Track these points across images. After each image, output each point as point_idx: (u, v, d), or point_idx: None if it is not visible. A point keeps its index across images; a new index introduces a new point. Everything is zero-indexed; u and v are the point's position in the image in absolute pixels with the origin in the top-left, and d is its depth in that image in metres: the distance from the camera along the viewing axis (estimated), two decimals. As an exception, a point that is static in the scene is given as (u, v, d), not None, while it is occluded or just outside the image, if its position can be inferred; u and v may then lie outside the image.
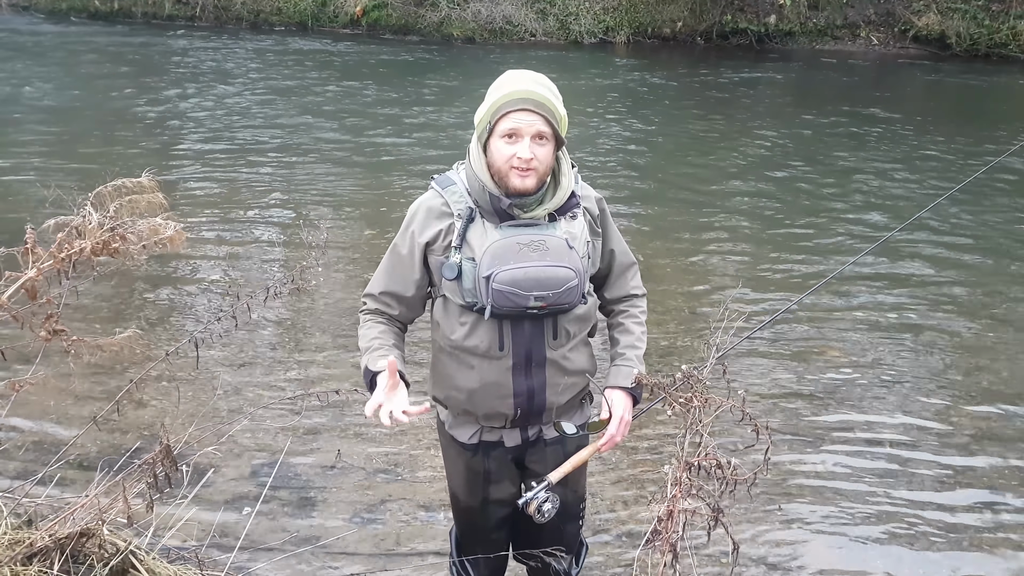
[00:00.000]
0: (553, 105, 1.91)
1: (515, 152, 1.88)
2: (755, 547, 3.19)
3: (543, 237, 1.91)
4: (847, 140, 9.58)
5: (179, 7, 16.33)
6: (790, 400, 4.22)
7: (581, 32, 15.32)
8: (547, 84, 1.94)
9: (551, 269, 1.89)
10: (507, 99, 1.88)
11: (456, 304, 1.98)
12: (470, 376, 2.03)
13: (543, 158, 1.90)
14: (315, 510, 3.32)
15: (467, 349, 2.00)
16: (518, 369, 2.00)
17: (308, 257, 3.05)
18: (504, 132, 1.89)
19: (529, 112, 1.87)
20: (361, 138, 9.08)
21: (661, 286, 5.53)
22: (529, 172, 1.88)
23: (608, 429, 2.02)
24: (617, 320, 2.18)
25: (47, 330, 2.37)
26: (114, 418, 3.41)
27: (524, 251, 1.89)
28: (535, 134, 1.88)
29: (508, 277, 1.87)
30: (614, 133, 9.62)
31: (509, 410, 2.05)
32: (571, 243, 1.93)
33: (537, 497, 1.98)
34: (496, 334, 1.97)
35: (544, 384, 2.04)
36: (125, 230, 2.41)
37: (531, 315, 1.95)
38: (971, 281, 5.81)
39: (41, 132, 8.85)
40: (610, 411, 2.03)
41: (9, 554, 2.04)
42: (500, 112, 1.89)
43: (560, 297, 1.91)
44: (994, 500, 3.51)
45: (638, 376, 2.07)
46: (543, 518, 2.00)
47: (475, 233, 1.93)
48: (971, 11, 14.94)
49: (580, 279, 1.94)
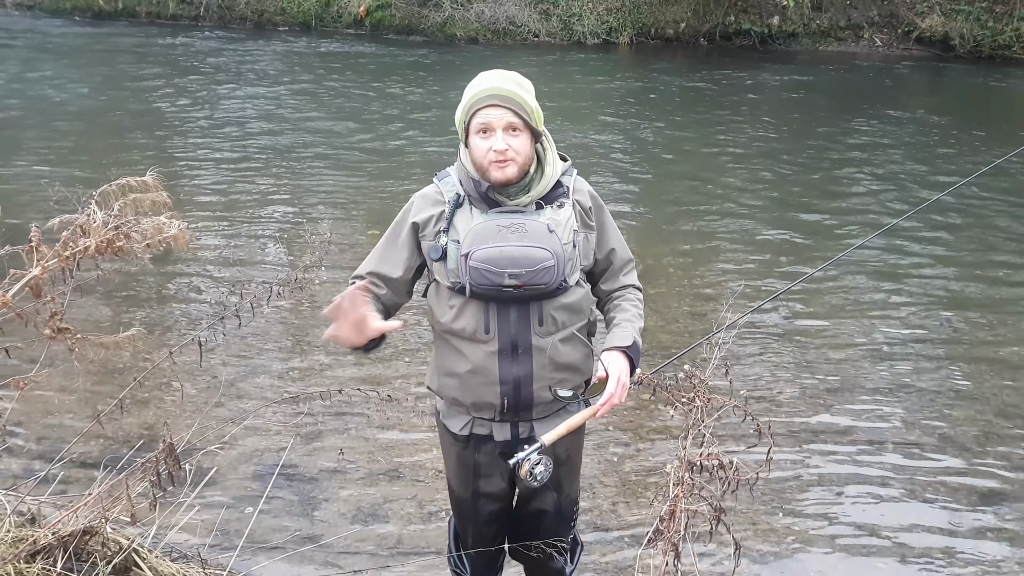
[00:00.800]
0: (520, 97, 1.98)
1: (491, 146, 1.96)
2: (757, 547, 3.19)
3: (523, 221, 1.99)
4: (850, 141, 9.58)
5: (183, 7, 16.32)
6: (793, 401, 4.22)
7: (584, 33, 15.31)
8: (515, 79, 2.02)
9: (526, 249, 1.95)
10: (476, 97, 1.98)
11: (445, 287, 2.05)
12: (459, 361, 2.07)
13: (519, 148, 1.98)
14: (317, 509, 3.32)
15: (455, 332, 2.05)
16: (504, 355, 2.03)
17: (311, 256, 3.05)
18: (477, 128, 1.98)
19: (497, 107, 1.96)
20: (364, 138, 9.10)
21: (663, 285, 5.53)
22: (507, 163, 1.96)
23: (606, 390, 1.99)
24: (614, 303, 2.19)
25: (51, 328, 2.38)
26: (117, 416, 3.41)
27: (503, 232, 1.97)
28: (506, 126, 1.96)
29: (483, 255, 1.95)
30: (616, 134, 9.62)
31: (496, 399, 2.07)
32: (552, 228, 1.99)
33: (529, 459, 1.96)
34: (482, 317, 2.01)
35: (531, 375, 2.05)
36: (129, 229, 2.42)
37: (513, 298, 1.98)
38: (975, 281, 5.81)
39: (45, 131, 8.87)
40: (606, 372, 2.01)
41: (13, 552, 2.05)
42: (471, 110, 1.98)
43: (535, 277, 1.95)
44: (997, 502, 3.51)
45: (640, 375, 2.07)
46: (535, 481, 1.99)
47: (462, 218, 2.02)
48: (974, 13, 14.92)
49: (558, 262, 1.97)
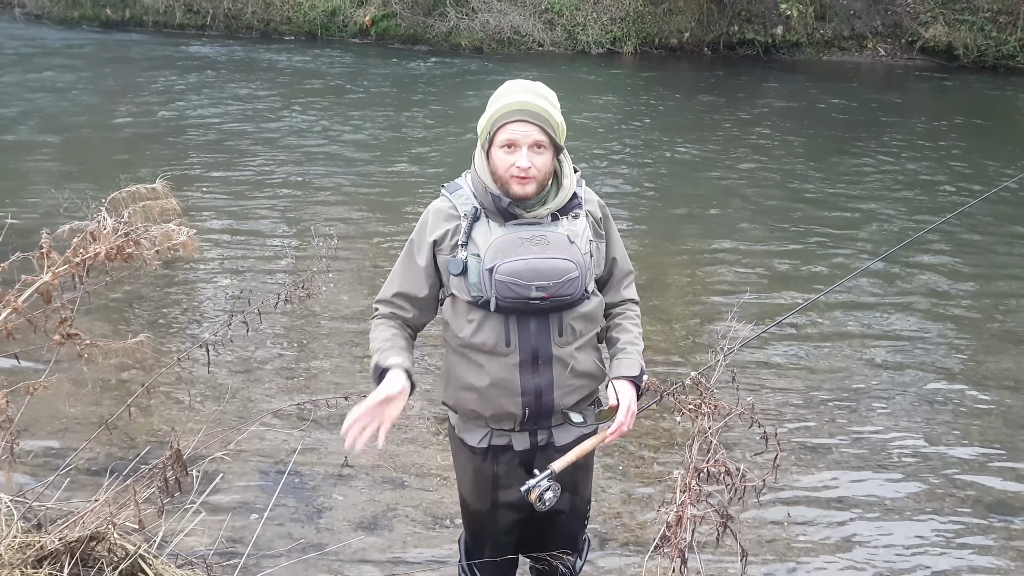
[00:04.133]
0: (549, 115, 1.98)
1: (514, 162, 1.96)
2: (763, 554, 3.18)
3: (544, 233, 1.99)
4: (854, 152, 9.57)
5: (190, 16, 16.43)
6: (799, 409, 4.22)
7: (588, 42, 15.35)
8: (544, 94, 2.01)
9: (551, 261, 1.96)
10: (505, 110, 1.96)
11: (463, 301, 2.04)
12: (479, 375, 2.07)
13: (541, 166, 1.98)
14: (323, 517, 3.32)
15: (475, 346, 2.05)
16: (525, 366, 2.04)
17: (318, 264, 3.08)
18: (503, 143, 1.97)
19: (526, 123, 1.95)
20: (372, 147, 9.12)
21: (668, 293, 5.53)
22: (528, 180, 1.97)
23: (616, 417, 2.05)
24: (615, 322, 2.22)
25: (61, 334, 2.39)
26: (125, 422, 3.42)
27: (526, 245, 1.97)
28: (532, 143, 1.96)
29: (510, 268, 1.94)
30: (621, 142, 9.63)
31: (517, 409, 2.08)
32: (572, 239, 2.00)
33: (540, 485, 2.01)
34: (503, 330, 2.02)
35: (552, 383, 2.06)
36: (139, 235, 2.45)
37: (535, 310, 1.99)
38: (983, 294, 5.79)
39: (55, 138, 8.92)
40: (617, 400, 2.05)
41: (20, 557, 2.05)
42: (498, 123, 1.97)
43: (561, 288, 1.97)
44: (1005, 513, 3.49)
45: (648, 383, 2.10)
46: (544, 506, 2.03)
47: (480, 231, 2.01)
48: (978, 22, 14.91)
49: (581, 272, 1.99)
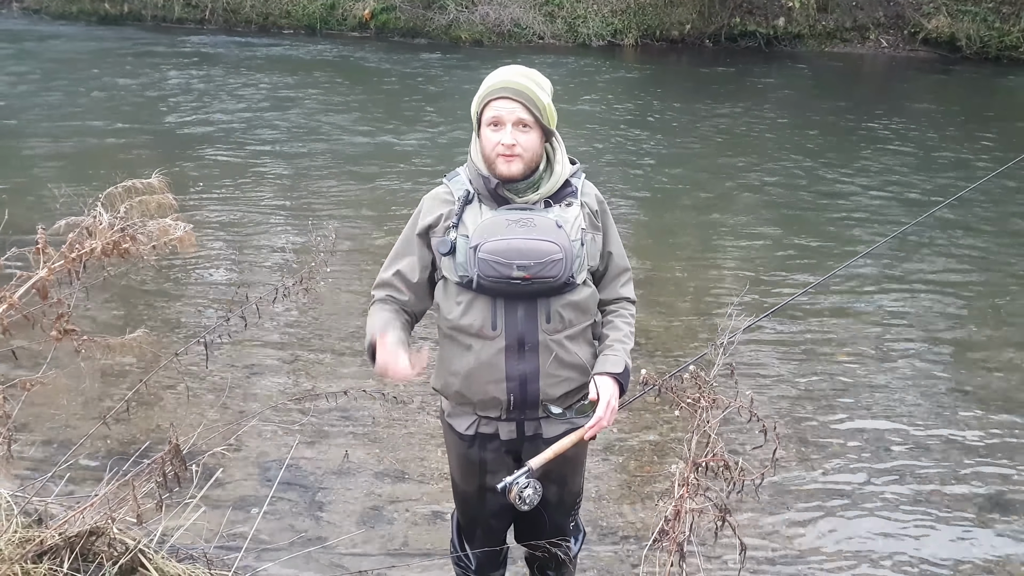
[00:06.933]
0: (534, 93, 2.00)
1: (499, 139, 1.99)
2: (762, 548, 3.18)
3: (532, 216, 2.02)
4: (856, 142, 9.55)
5: (189, 10, 16.40)
6: (798, 402, 4.21)
7: (589, 35, 15.31)
8: (531, 75, 2.04)
9: (534, 242, 1.98)
10: (490, 89, 2.01)
11: (453, 283, 2.06)
12: (466, 357, 2.08)
13: (527, 144, 2.00)
14: (323, 511, 3.33)
15: (462, 328, 2.06)
16: (511, 351, 2.05)
17: (316, 258, 3.06)
18: (489, 120, 2.01)
19: (509, 100, 1.98)
20: (370, 140, 9.11)
21: (668, 287, 5.52)
22: (513, 158, 1.99)
23: (596, 413, 2.04)
24: (607, 319, 2.22)
25: (58, 330, 2.39)
26: (123, 418, 3.42)
27: (512, 226, 2.00)
28: (516, 121, 1.99)
29: (492, 247, 1.97)
30: (622, 135, 9.61)
31: (503, 395, 2.08)
32: (560, 223, 2.01)
33: (518, 483, 1.98)
34: (490, 313, 2.03)
35: (537, 371, 2.06)
36: (135, 231, 2.44)
37: (521, 292, 2.00)
38: (983, 283, 5.78)
39: (51, 133, 8.90)
40: (598, 395, 2.05)
41: (20, 552, 2.05)
42: (484, 101, 2.02)
43: (543, 270, 1.97)
44: (1006, 507, 3.48)
45: (646, 376, 2.09)
46: (524, 505, 2.01)
47: (471, 214, 2.05)
48: (981, 13, 14.86)
49: (566, 256, 1.99)
